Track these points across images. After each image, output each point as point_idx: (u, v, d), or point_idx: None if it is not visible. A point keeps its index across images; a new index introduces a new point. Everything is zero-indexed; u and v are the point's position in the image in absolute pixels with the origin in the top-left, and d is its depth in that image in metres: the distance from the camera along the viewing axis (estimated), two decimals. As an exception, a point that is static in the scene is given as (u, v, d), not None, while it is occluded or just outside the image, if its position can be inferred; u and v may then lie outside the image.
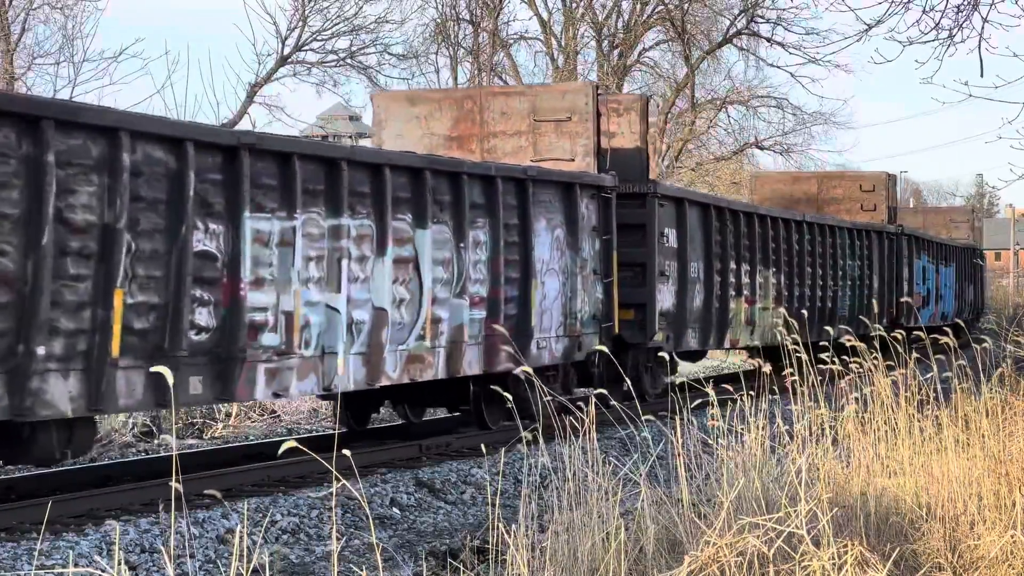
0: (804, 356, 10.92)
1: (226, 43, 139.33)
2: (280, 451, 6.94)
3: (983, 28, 14.37)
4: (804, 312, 22.31)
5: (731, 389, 10.69)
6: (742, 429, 9.99)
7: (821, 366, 11.54)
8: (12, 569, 10.58)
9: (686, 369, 30.97)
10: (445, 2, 47.74)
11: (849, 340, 11.58)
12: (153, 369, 7.67)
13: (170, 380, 7.16)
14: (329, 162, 14.94)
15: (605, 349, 11.35)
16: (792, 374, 10.89)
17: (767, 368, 11.15)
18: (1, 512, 12.35)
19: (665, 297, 22.09)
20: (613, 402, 10.06)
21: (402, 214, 16.03)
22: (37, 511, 12.55)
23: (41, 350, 11.79)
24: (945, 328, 12.44)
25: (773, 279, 26.85)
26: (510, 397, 9.74)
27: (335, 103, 55.60)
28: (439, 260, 16.65)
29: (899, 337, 12.01)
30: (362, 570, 7.60)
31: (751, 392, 10.86)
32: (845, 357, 11.86)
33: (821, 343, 12.30)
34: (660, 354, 13.31)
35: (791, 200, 35.39)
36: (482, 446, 10.45)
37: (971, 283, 46.87)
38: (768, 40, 49.07)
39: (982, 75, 14.38)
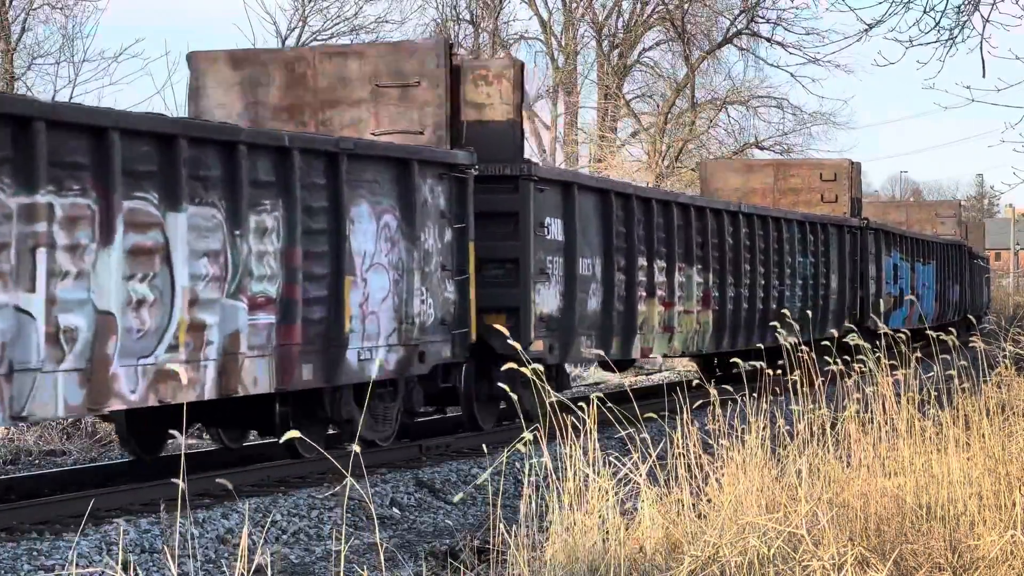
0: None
1: (226, 43, 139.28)
2: (283, 439, 6.81)
3: (984, 28, 14.39)
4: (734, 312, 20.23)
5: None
6: (742, 429, 9.99)
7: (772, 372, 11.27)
8: (12, 569, 10.58)
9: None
10: (445, 2, 47.82)
11: (854, 339, 11.47)
12: None
13: None
14: (16, 121, 11.62)
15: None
16: (795, 375, 10.88)
17: (760, 366, 11.13)
18: (1, 512, 12.34)
19: (546, 299, 18.76)
20: (610, 404, 10.00)
21: (143, 192, 12.70)
22: (37, 511, 12.56)
23: None
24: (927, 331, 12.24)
25: (699, 278, 23.35)
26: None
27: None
28: (203, 251, 13.35)
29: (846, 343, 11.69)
30: (363, 570, 7.59)
31: (754, 394, 10.85)
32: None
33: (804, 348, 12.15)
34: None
35: (745, 191, 32.62)
36: (483, 446, 10.44)
37: (957, 283, 43.91)
38: (768, 40, 49.19)
39: (984, 75, 14.39)
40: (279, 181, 14.28)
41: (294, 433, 6.64)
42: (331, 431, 16.44)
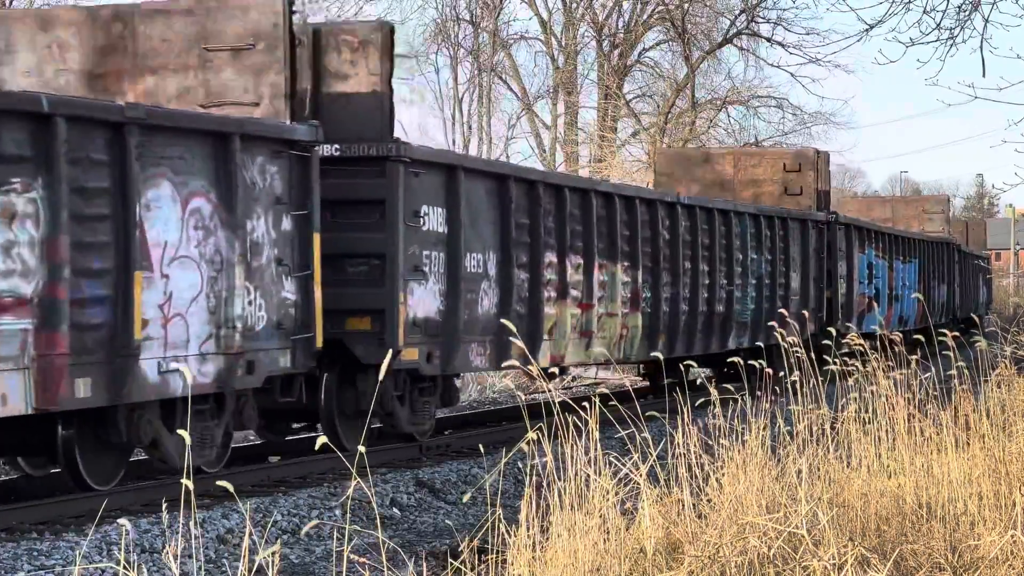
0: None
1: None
2: (317, 446, 6.60)
3: (985, 28, 14.43)
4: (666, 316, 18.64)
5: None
6: (743, 429, 10.00)
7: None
8: (12, 569, 10.59)
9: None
10: (445, 2, 47.92)
11: (855, 339, 11.44)
12: None
13: None
14: None
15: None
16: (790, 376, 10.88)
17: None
18: (1, 512, 12.35)
19: (422, 300, 16.20)
20: (613, 402, 10.00)
21: None
22: (37, 511, 12.57)
23: None
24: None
25: (626, 276, 20.63)
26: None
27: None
28: None
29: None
30: (364, 570, 7.61)
31: (756, 393, 10.86)
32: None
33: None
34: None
35: (704, 183, 30.59)
36: (480, 446, 10.43)
37: (944, 282, 41.63)
38: (768, 40, 49.22)
39: (984, 75, 14.45)
40: (38, 156, 11.69)
41: (324, 439, 6.18)
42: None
